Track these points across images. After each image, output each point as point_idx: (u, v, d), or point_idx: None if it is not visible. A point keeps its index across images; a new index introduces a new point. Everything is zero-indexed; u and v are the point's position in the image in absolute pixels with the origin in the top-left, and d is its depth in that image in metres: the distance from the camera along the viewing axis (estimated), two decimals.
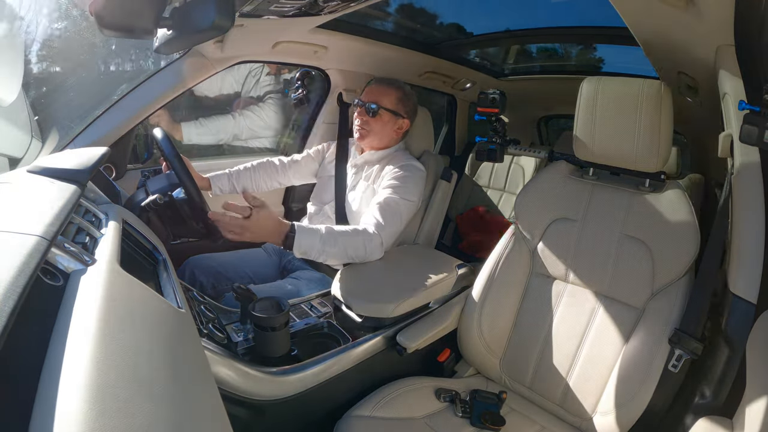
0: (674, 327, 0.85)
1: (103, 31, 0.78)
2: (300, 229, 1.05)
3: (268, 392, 0.86)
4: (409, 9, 1.96)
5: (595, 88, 0.97)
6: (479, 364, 1.13)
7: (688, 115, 1.43)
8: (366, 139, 1.39)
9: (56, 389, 0.30)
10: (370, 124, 1.37)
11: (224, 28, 0.79)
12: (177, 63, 1.26)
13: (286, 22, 1.15)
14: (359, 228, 1.16)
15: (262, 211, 0.97)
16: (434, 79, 1.94)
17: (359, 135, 1.39)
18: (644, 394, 0.85)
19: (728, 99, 0.83)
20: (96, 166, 0.73)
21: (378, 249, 1.17)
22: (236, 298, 0.92)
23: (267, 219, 0.99)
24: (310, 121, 1.82)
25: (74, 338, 0.35)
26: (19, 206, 0.52)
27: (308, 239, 1.05)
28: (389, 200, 1.23)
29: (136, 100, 1.24)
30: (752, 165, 0.81)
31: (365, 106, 1.36)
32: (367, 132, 1.38)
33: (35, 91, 1.30)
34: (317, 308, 1.12)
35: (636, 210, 0.98)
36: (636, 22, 0.97)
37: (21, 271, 0.34)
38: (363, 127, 1.37)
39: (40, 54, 1.41)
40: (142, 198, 0.96)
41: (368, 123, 1.37)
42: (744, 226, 0.81)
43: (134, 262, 0.67)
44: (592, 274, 1.00)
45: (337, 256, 1.13)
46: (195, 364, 0.50)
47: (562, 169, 1.11)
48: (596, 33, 1.78)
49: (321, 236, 1.07)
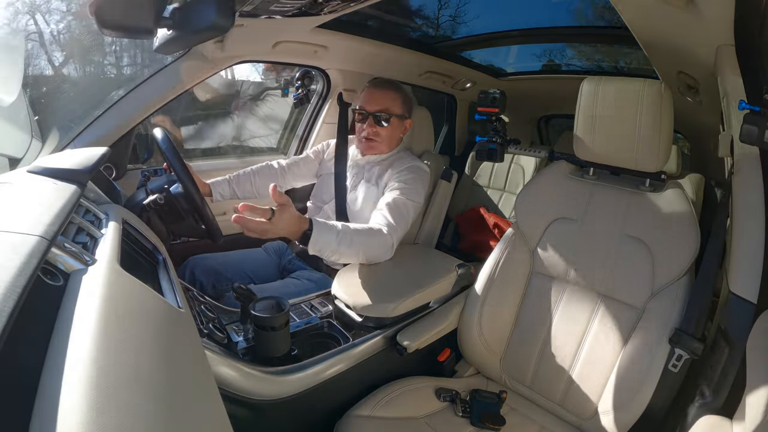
0: (674, 327, 0.85)
1: (102, 31, 0.78)
2: (317, 226, 1.01)
3: (268, 392, 0.86)
4: (409, 9, 1.96)
5: (595, 87, 0.97)
6: (479, 364, 1.13)
7: (688, 115, 1.43)
8: (376, 150, 1.37)
9: (57, 389, 0.30)
10: (380, 135, 1.35)
11: (224, 28, 0.80)
12: (177, 63, 1.26)
13: (286, 21, 1.15)
14: (374, 228, 1.14)
15: (284, 212, 0.93)
16: (434, 79, 1.94)
17: (369, 147, 1.36)
18: (644, 393, 0.85)
19: (728, 99, 0.83)
20: (96, 166, 0.73)
21: (390, 251, 1.17)
22: (236, 298, 0.92)
23: (289, 218, 0.95)
24: (310, 121, 1.82)
25: (74, 338, 0.35)
26: (20, 206, 0.51)
27: (325, 237, 1.01)
28: (398, 201, 1.22)
29: (136, 100, 1.24)
30: (752, 165, 0.81)
31: (374, 116, 1.33)
32: (378, 143, 1.36)
33: (35, 91, 1.30)
34: (317, 308, 1.12)
35: (636, 210, 0.98)
36: (636, 22, 0.97)
37: (21, 271, 0.34)
38: (374, 138, 1.35)
39: (40, 54, 1.41)
40: (142, 198, 0.96)
41: (378, 134, 1.34)
42: (744, 226, 0.81)
43: (134, 262, 0.67)
44: (592, 274, 1.00)
45: (351, 257, 1.11)
46: (195, 364, 0.50)
47: (562, 168, 1.11)
48: (596, 33, 1.78)
49: (337, 235, 1.04)
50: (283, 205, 0.93)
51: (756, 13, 0.71)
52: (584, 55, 2.03)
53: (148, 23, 0.81)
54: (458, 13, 1.99)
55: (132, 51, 1.77)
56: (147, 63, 1.70)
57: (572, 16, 1.78)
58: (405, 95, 1.39)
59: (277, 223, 0.92)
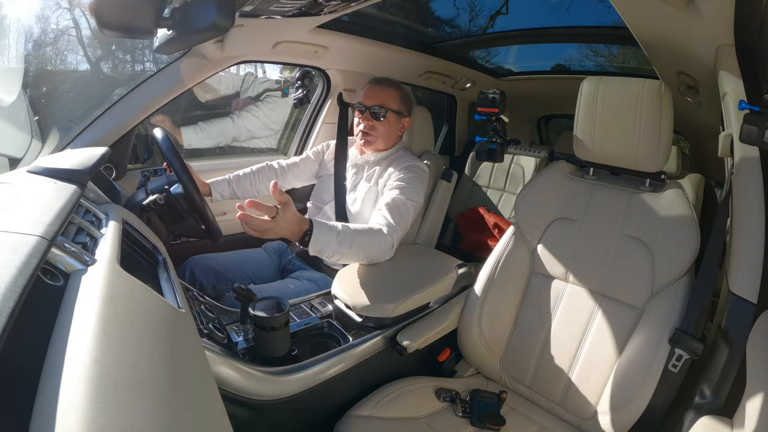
0: (674, 327, 0.85)
1: (102, 31, 0.78)
2: (318, 227, 1.01)
3: (268, 392, 0.86)
4: (409, 9, 1.96)
5: (595, 87, 0.97)
6: (479, 364, 1.13)
7: (688, 115, 1.43)
8: (373, 145, 1.38)
9: (57, 389, 0.30)
10: (376, 129, 1.35)
11: (224, 28, 0.79)
12: (177, 63, 1.26)
13: (286, 21, 1.15)
14: (374, 228, 1.14)
15: (287, 211, 0.94)
16: (434, 79, 1.94)
17: (365, 141, 1.37)
18: (644, 393, 0.85)
19: (728, 99, 0.83)
20: (96, 166, 0.73)
21: (390, 251, 1.17)
22: (236, 298, 0.92)
23: (291, 218, 0.95)
24: (310, 121, 1.82)
25: (74, 338, 0.35)
26: (19, 206, 0.51)
27: (325, 237, 1.01)
28: (398, 201, 1.22)
29: (136, 100, 1.24)
30: (752, 165, 0.81)
31: (370, 110, 1.34)
32: (374, 137, 1.36)
33: (35, 91, 1.30)
34: (317, 308, 1.12)
35: (636, 210, 0.98)
36: (636, 22, 0.97)
37: (21, 271, 0.34)
38: (370, 132, 1.35)
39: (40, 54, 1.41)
40: (142, 198, 0.96)
41: (374, 128, 1.35)
42: (744, 226, 0.81)
43: (134, 262, 0.67)
44: (592, 274, 1.00)
45: (351, 257, 1.12)
46: (195, 364, 0.50)
47: (562, 169, 1.11)
48: (596, 33, 1.78)
49: (338, 235, 1.04)
50: (285, 203, 0.93)
51: (756, 13, 0.71)
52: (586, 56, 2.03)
53: (148, 23, 0.81)
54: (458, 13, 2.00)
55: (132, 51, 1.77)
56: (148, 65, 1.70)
57: (572, 16, 1.77)
58: (404, 93, 1.40)
59: (280, 222, 0.92)
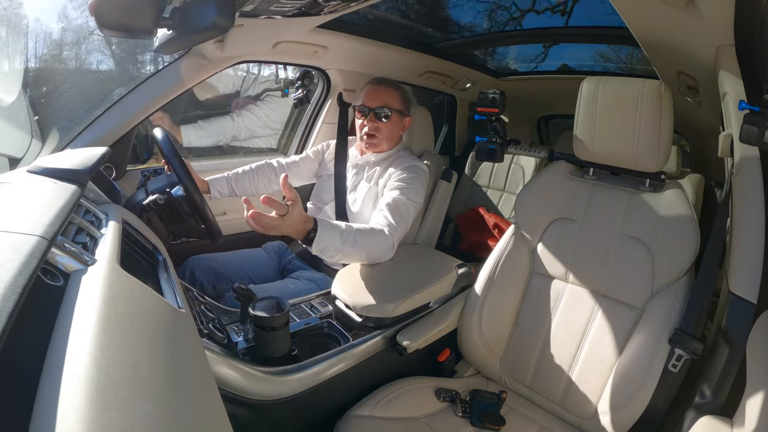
0: (674, 327, 0.85)
1: (102, 31, 0.78)
2: (322, 226, 1.00)
3: (268, 392, 0.86)
4: (409, 9, 1.96)
5: (595, 87, 0.97)
6: (479, 364, 1.13)
7: (688, 115, 1.43)
8: (378, 147, 1.38)
9: (57, 389, 0.30)
10: (381, 130, 1.35)
11: (224, 28, 0.80)
12: (177, 63, 1.26)
13: (286, 21, 1.15)
14: (376, 228, 1.14)
15: (295, 209, 0.93)
16: (434, 79, 1.94)
17: (370, 144, 1.37)
18: (644, 393, 0.85)
19: (728, 99, 0.83)
20: (96, 166, 0.73)
21: (390, 251, 1.17)
22: (236, 298, 0.92)
23: (298, 216, 0.95)
24: (310, 121, 1.82)
25: (74, 338, 0.35)
26: (20, 206, 0.51)
27: (329, 237, 1.01)
28: (398, 201, 1.22)
29: (136, 100, 1.24)
30: (752, 165, 0.81)
31: (374, 112, 1.34)
32: (380, 139, 1.36)
33: (35, 91, 1.30)
34: (317, 308, 1.12)
35: (636, 210, 0.98)
36: (636, 22, 0.97)
37: (21, 271, 0.34)
38: (375, 134, 1.35)
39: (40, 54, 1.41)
40: (142, 198, 0.96)
41: (379, 129, 1.35)
42: (744, 226, 0.81)
43: (134, 262, 0.67)
44: (592, 274, 1.00)
45: (353, 257, 1.12)
46: (195, 363, 0.50)
47: (562, 169, 1.11)
48: (596, 33, 1.78)
49: (341, 235, 1.03)
50: (294, 200, 0.92)
51: (756, 13, 0.71)
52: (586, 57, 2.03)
53: (148, 23, 0.81)
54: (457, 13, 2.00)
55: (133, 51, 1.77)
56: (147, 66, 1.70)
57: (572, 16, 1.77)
58: (404, 93, 1.40)
59: (288, 219, 0.92)
